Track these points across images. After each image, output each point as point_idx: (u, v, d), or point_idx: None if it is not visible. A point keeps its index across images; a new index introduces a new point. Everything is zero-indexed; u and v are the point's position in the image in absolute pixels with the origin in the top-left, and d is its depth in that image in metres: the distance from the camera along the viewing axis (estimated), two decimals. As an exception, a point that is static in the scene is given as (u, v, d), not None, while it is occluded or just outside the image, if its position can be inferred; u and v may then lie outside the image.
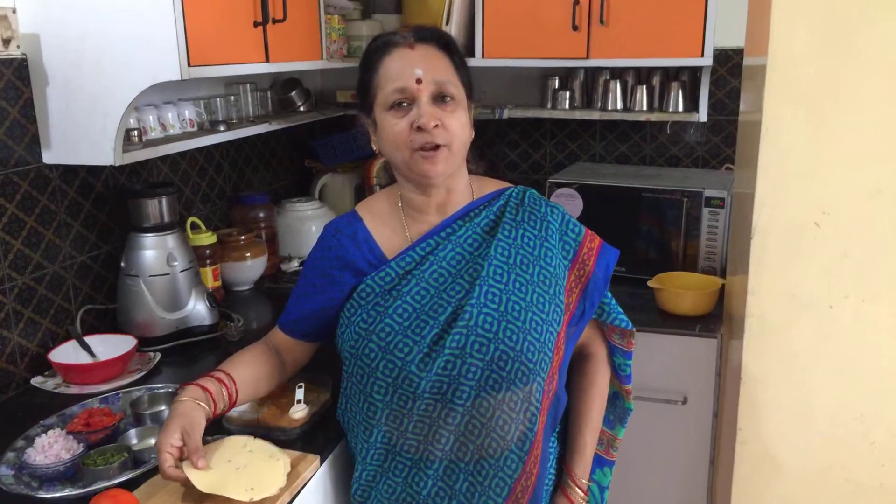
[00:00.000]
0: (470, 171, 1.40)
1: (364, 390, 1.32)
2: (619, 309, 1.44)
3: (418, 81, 1.24)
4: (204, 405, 1.26)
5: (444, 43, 1.30)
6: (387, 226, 1.38)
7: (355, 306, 1.33)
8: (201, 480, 1.18)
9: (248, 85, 2.35)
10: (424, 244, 1.33)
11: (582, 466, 1.43)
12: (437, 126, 1.24)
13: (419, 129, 1.24)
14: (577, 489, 1.42)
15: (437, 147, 1.25)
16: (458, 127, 1.27)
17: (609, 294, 1.43)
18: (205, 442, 1.24)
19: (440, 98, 1.26)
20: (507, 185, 1.42)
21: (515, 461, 1.29)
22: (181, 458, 1.21)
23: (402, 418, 1.29)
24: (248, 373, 1.37)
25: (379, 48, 1.29)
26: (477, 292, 1.28)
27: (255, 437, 1.33)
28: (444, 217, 1.35)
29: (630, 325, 1.43)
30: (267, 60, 1.99)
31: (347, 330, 1.33)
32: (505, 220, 1.34)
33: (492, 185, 1.41)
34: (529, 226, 1.34)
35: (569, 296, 1.35)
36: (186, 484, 1.19)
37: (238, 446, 1.29)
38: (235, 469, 1.23)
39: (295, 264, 2.53)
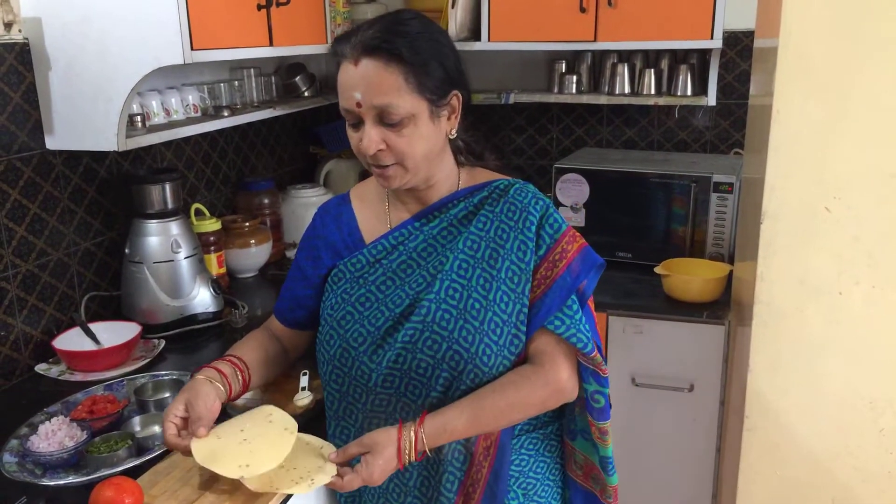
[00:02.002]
0: (460, 164, 1.34)
1: (325, 378, 1.33)
2: (583, 328, 1.24)
3: (358, 105, 1.18)
4: (217, 383, 1.25)
5: (393, 55, 1.16)
6: (371, 210, 1.37)
7: (328, 291, 1.34)
8: (200, 451, 1.16)
9: (252, 70, 2.33)
10: (397, 233, 1.31)
11: (433, 428, 1.19)
12: (381, 150, 1.19)
13: None
14: (411, 433, 1.19)
15: (385, 166, 1.22)
16: (406, 145, 1.19)
17: (575, 306, 1.24)
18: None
19: (385, 120, 1.18)
20: (500, 177, 1.35)
21: (463, 453, 1.25)
22: (185, 429, 1.20)
23: (357, 413, 1.29)
24: (257, 357, 1.36)
25: (334, 53, 1.22)
26: (437, 286, 1.24)
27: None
28: (425, 206, 1.32)
29: (587, 347, 1.23)
30: (271, 44, 1.98)
31: (322, 315, 1.34)
32: (482, 212, 1.28)
33: (483, 177, 1.34)
34: (507, 217, 1.27)
35: (533, 293, 1.25)
36: (188, 453, 1.17)
37: (262, 416, 1.26)
38: (241, 441, 1.20)
39: (300, 250, 2.52)
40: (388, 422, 1.24)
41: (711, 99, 2.44)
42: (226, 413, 1.39)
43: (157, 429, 1.40)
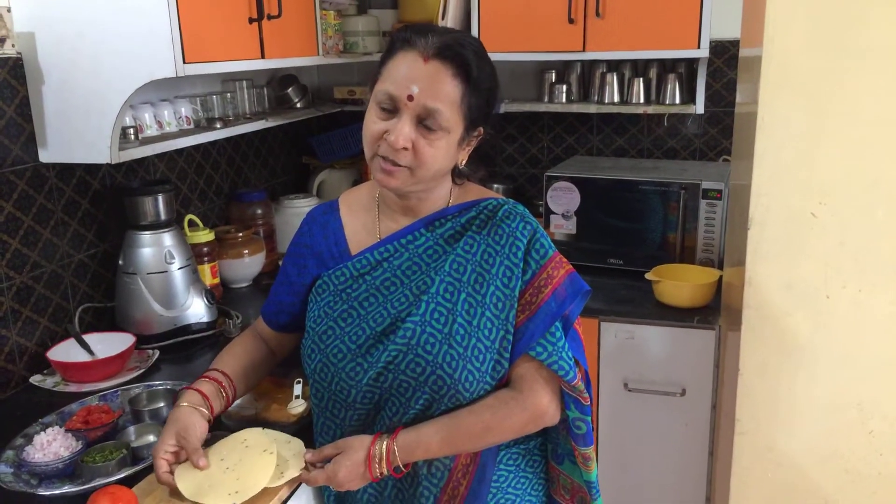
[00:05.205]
0: (455, 183, 1.32)
1: (310, 391, 1.33)
2: (566, 355, 1.22)
3: (409, 98, 1.16)
4: (201, 408, 1.26)
5: (463, 68, 1.18)
6: (359, 219, 1.35)
7: (312, 302, 1.33)
8: (187, 487, 1.18)
9: (244, 82, 2.35)
10: (382, 249, 1.29)
11: (406, 442, 1.21)
12: (405, 148, 1.17)
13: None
14: (384, 444, 1.21)
15: (397, 166, 1.19)
16: (430, 156, 1.18)
17: (558, 333, 1.23)
18: (209, 441, 1.25)
19: (425, 123, 1.18)
20: (490, 195, 1.32)
21: (441, 469, 1.25)
22: (177, 462, 1.22)
23: (335, 429, 1.29)
24: (240, 365, 1.37)
25: (402, 39, 1.20)
26: (423, 308, 1.22)
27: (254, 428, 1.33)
28: (413, 220, 1.30)
29: (568, 374, 1.22)
30: (262, 57, 1.99)
31: (306, 326, 1.33)
32: (469, 233, 1.26)
33: (473, 195, 1.32)
34: (493, 241, 1.25)
35: (517, 318, 1.24)
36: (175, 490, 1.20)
37: (237, 442, 1.28)
38: (225, 470, 1.22)
39: (293, 261, 2.53)
40: (366, 433, 1.25)
41: (699, 107, 2.47)
42: (219, 422, 1.40)
43: (151, 438, 1.41)
